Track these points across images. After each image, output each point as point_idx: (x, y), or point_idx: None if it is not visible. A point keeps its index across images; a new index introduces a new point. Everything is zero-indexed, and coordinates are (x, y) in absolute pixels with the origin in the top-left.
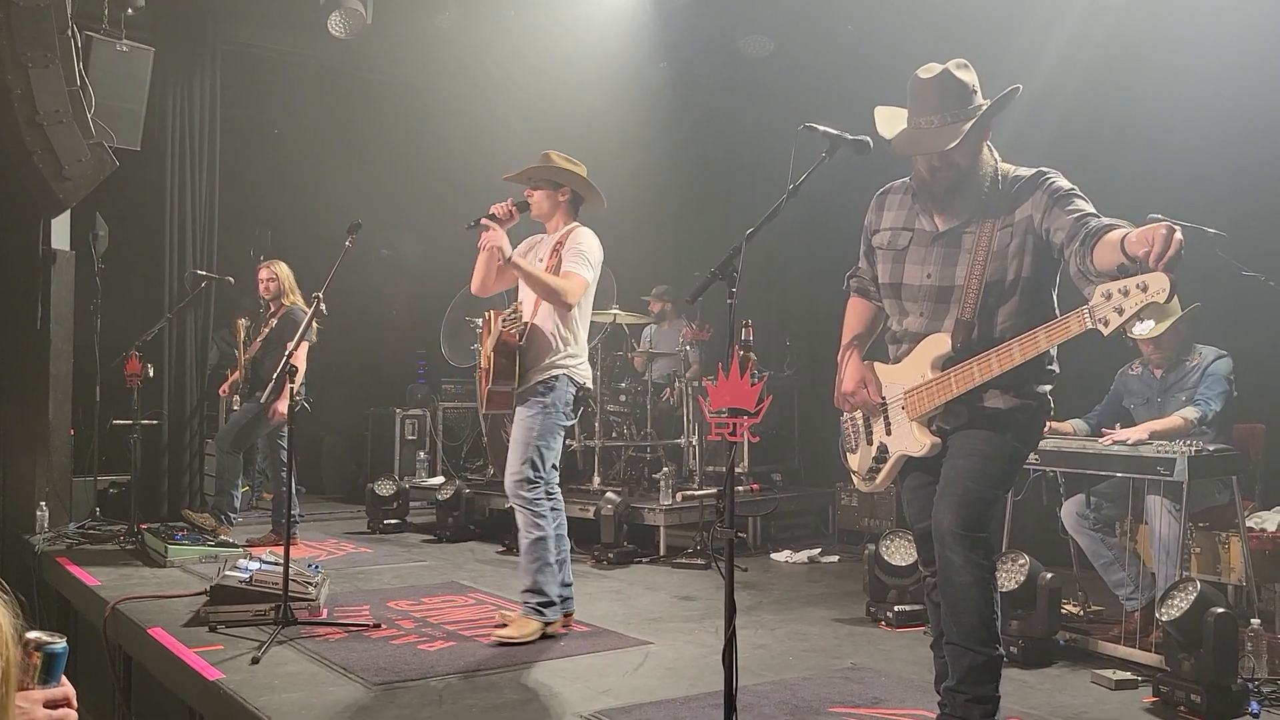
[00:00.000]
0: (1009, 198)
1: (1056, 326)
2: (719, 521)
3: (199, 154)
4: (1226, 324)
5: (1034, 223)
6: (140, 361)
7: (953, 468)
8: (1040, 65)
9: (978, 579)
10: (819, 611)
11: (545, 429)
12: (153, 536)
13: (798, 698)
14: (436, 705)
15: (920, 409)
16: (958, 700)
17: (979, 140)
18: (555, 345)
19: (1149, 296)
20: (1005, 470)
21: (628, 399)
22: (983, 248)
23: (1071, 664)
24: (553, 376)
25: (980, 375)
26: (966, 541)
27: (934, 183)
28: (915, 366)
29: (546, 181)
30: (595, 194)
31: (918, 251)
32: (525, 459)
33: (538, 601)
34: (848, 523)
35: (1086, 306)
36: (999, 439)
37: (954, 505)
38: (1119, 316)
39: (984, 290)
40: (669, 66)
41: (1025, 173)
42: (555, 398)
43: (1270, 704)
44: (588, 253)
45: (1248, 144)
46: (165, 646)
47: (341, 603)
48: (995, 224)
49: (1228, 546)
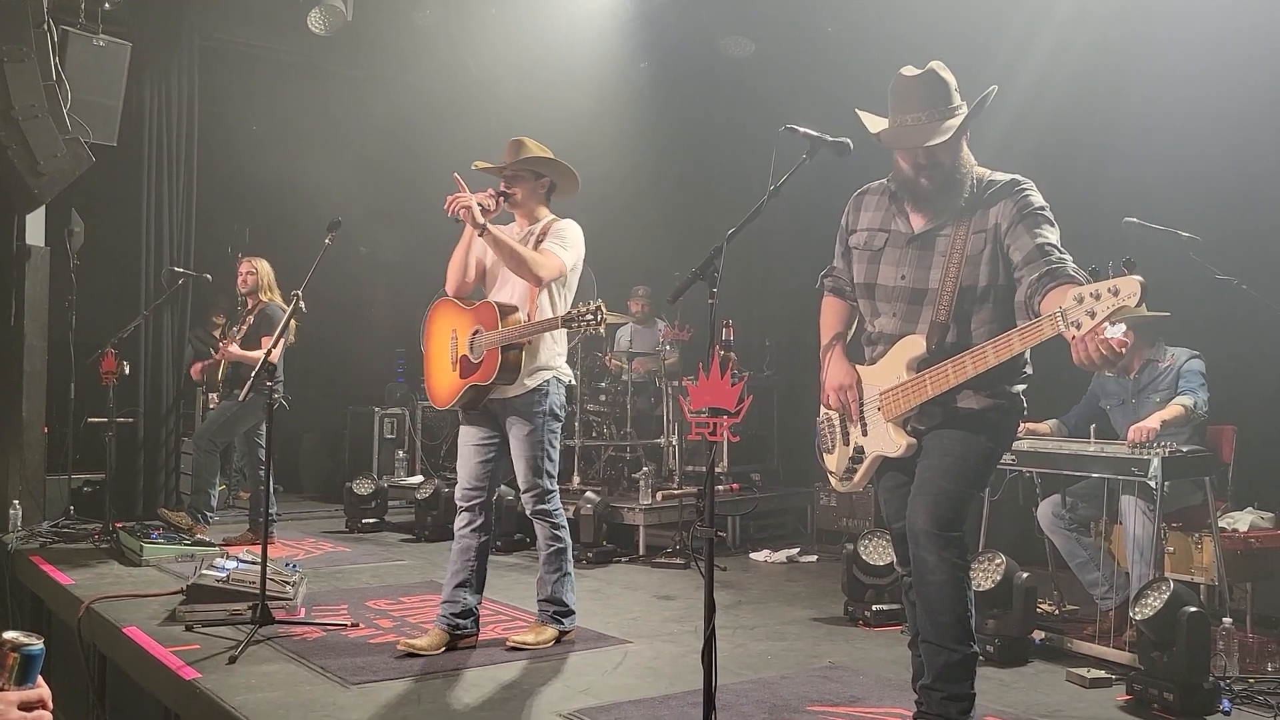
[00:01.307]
0: (983, 202)
1: (1030, 329)
2: (699, 521)
3: (176, 150)
4: (1200, 326)
5: (1000, 231)
6: (116, 359)
7: (927, 468)
8: (1023, 70)
9: (952, 578)
10: (797, 611)
11: (549, 437)
12: (128, 535)
13: (776, 696)
14: (415, 704)
15: (896, 410)
16: (934, 698)
17: (961, 140)
18: (545, 345)
19: (1120, 300)
20: (979, 470)
21: (607, 398)
22: (957, 250)
23: (1047, 662)
24: (545, 381)
25: (955, 377)
26: (940, 541)
27: (917, 181)
28: (891, 368)
29: (529, 172)
30: (573, 179)
31: (893, 253)
32: (538, 472)
33: (556, 610)
34: (826, 523)
35: (1060, 309)
36: (973, 439)
37: (928, 505)
38: (1091, 320)
39: (958, 294)
40: (650, 66)
41: (1001, 178)
42: (551, 403)
43: (1241, 702)
44: (572, 240)
45: (1223, 150)
46: (140, 646)
47: (319, 602)
48: (969, 228)
49: (1201, 546)
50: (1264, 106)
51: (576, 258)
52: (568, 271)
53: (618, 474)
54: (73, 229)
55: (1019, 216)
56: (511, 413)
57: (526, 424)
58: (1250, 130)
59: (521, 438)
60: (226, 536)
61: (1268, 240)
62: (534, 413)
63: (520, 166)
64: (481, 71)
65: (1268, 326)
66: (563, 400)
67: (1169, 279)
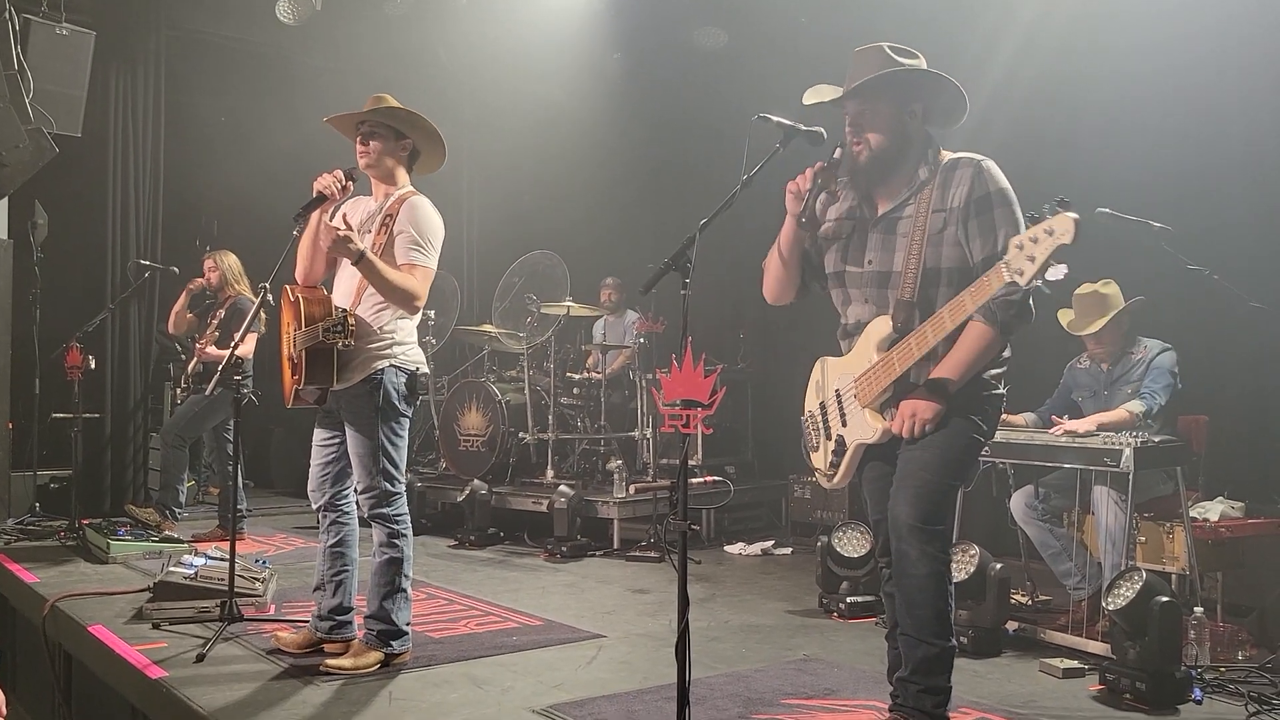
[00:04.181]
0: (943, 183)
1: (978, 287)
2: (672, 514)
3: (143, 141)
4: (1171, 317)
5: (960, 212)
6: (81, 353)
7: (909, 459)
8: (994, 60)
9: (933, 571)
10: (772, 603)
11: (385, 432)
12: (94, 532)
13: (751, 690)
14: (386, 701)
15: (870, 394)
16: (910, 690)
17: (899, 118)
18: (370, 333)
19: (1056, 239)
20: (962, 460)
21: (581, 392)
22: (919, 230)
23: (1020, 653)
24: (377, 371)
25: (918, 348)
26: (923, 535)
27: (855, 162)
28: (862, 353)
29: (386, 128)
30: (439, 151)
31: (859, 238)
32: (371, 471)
33: (381, 629)
34: (800, 515)
35: (1002, 260)
36: (955, 429)
37: (911, 499)
38: (1032, 265)
39: (922, 274)
40: (623, 57)
41: (962, 158)
42: (385, 394)
43: (1213, 690)
44: (430, 235)
45: (1194, 142)
46: (106, 644)
47: (290, 599)
48: (929, 207)
49: (1172, 536)
50: (1234, 99)
51: (438, 250)
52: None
53: (592, 467)
54: (36, 221)
55: (978, 200)
56: (344, 408)
57: (355, 418)
58: (1219, 123)
59: (353, 434)
60: (195, 533)
61: (1238, 231)
62: (362, 406)
63: (380, 118)
64: (453, 61)
65: (1239, 317)
66: (404, 390)
67: (1141, 270)
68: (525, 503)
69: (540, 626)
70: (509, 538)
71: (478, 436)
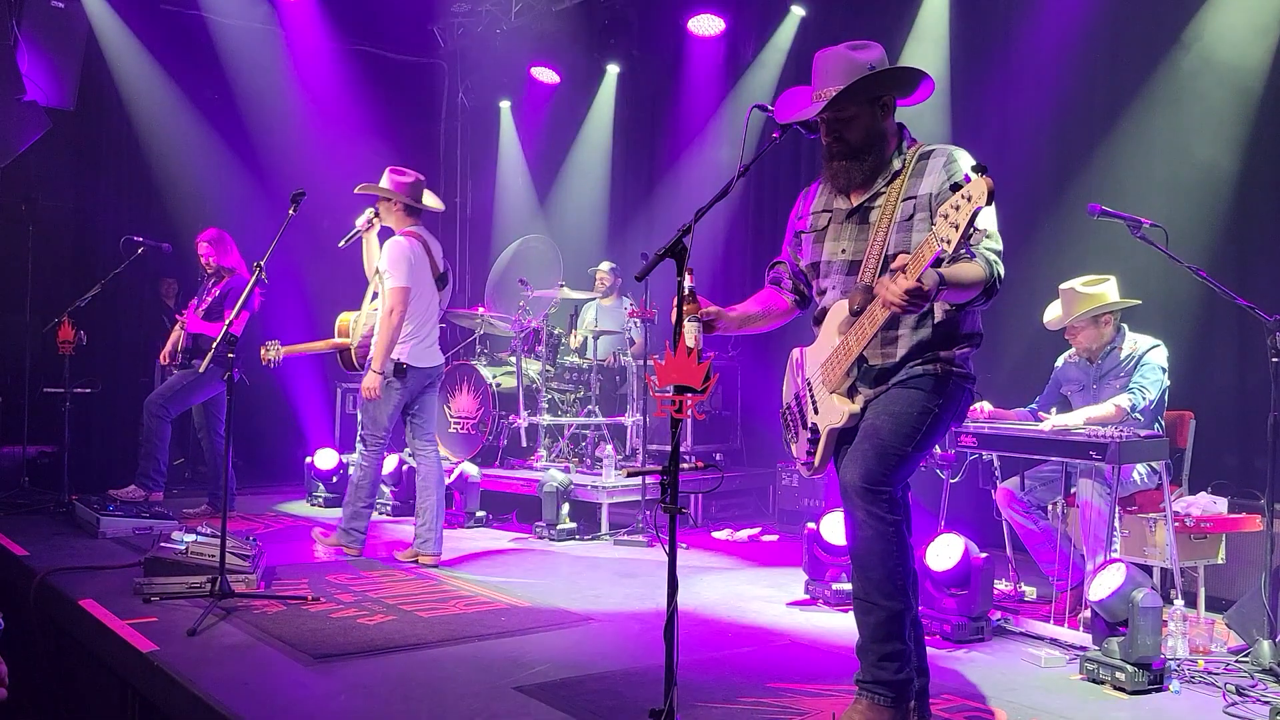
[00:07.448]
0: (916, 172)
1: (915, 256)
2: (662, 499)
3: (137, 116)
4: (1158, 313)
5: (931, 200)
6: (73, 328)
7: (863, 428)
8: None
9: (879, 533)
10: (759, 589)
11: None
12: (84, 507)
13: (737, 674)
14: (375, 678)
15: (834, 378)
16: (869, 659)
17: (871, 114)
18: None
19: (974, 203)
20: (916, 427)
21: (571, 376)
22: (887, 217)
23: (1003, 642)
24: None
25: (870, 326)
26: (869, 495)
27: (831, 155)
28: (826, 338)
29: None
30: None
31: (835, 229)
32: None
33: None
34: (788, 502)
35: (931, 231)
36: (910, 396)
37: (858, 459)
38: (956, 231)
39: (884, 259)
40: (618, 42)
41: (936, 148)
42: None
43: (1191, 682)
44: (395, 263)
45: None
46: (97, 619)
47: (280, 576)
48: (899, 195)
49: (1154, 530)
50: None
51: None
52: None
53: (582, 452)
54: (29, 195)
55: (951, 187)
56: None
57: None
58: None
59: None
60: (185, 510)
61: (1226, 228)
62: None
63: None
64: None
65: (1225, 314)
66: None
67: (1131, 266)
68: (515, 485)
69: (528, 608)
70: (497, 520)
71: (468, 419)
